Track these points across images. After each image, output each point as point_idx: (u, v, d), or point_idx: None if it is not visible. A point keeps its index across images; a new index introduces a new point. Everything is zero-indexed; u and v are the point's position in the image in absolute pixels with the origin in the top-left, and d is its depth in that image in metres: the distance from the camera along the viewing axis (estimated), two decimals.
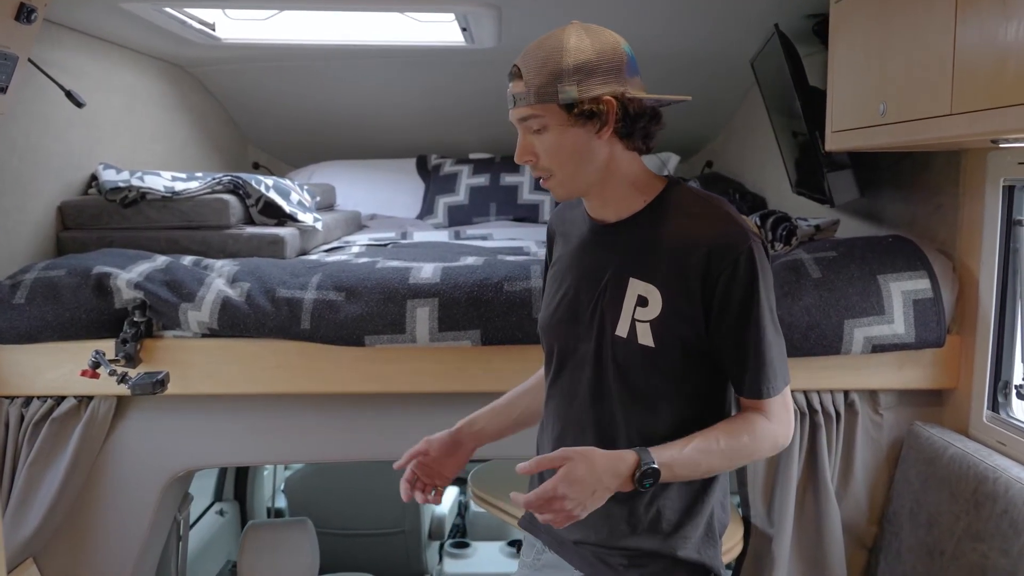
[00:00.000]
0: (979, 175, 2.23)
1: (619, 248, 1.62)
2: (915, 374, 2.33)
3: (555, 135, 1.54)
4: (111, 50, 3.09)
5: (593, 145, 1.55)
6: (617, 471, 1.47)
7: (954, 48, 1.62)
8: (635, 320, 1.58)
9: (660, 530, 1.65)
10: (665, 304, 1.56)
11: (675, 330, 1.56)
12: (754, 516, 2.42)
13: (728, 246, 1.51)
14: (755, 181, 3.83)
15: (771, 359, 1.56)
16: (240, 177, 2.80)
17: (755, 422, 1.57)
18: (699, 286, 1.53)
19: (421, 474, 1.84)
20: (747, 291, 1.52)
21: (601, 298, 1.63)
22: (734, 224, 1.54)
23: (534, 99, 1.53)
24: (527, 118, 1.55)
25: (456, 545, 4.83)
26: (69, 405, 2.33)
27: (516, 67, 1.55)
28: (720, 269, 1.51)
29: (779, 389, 1.58)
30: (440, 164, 4.24)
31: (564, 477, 1.44)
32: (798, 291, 2.23)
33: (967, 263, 2.30)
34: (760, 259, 1.53)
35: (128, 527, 2.44)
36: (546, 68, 1.51)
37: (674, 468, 1.50)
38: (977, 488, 2.00)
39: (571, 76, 1.50)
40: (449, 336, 2.26)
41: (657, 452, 1.49)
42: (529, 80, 1.53)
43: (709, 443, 1.53)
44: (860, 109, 2.08)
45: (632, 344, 1.58)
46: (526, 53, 1.56)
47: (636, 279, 1.59)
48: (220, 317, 2.28)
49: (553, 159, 1.57)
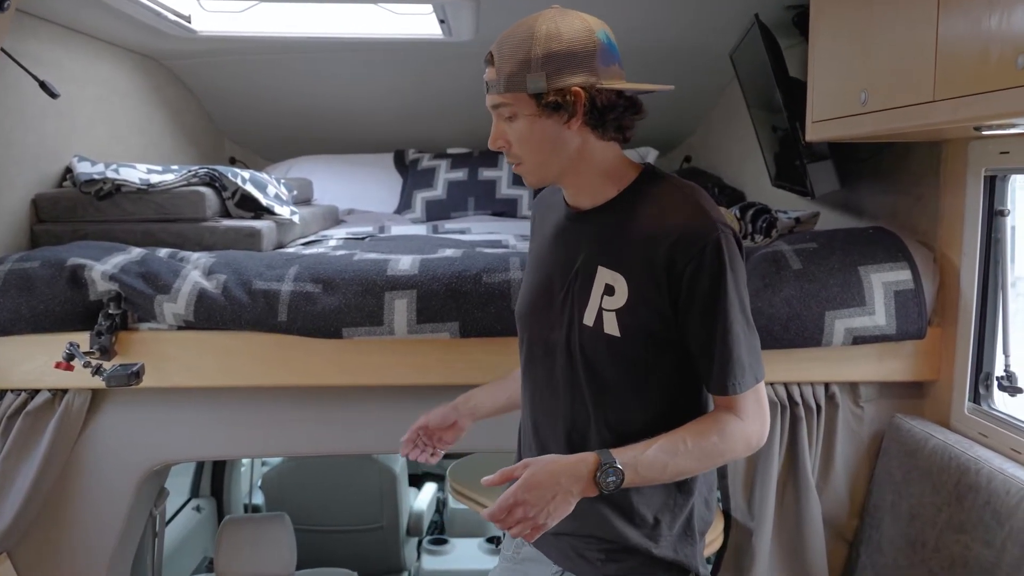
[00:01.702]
0: (960, 165, 2.23)
1: (590, 236, 1.61)
2: (896, 366, 2.33)
3: (525, 124, 1.54)
4: (87, 42, 3.06)
5: (563, 135, 1.54)
6: (576, 473, 1.45)
7: (937, 34, 1.61)
8: (602, 309, 1.56)
9: (636, 525, 1.63)
10: (631, 293, 1.54)
11: (641, 320, 1.54)
12: (734, 510, 2.42)
13: (695, 236, 1.49)
14: (734, 175, 3.84)
15: (739, 354, 1.53)
16: (216, 170, 2.77)
17: (725, 421, 1.54)
18: (664, 277, 1.51)
19: (420, 438, 1.91)
20: (713, 283, 1.49)
21: (572, 285, 1.61)
22: (702, 214, 1.52)
23: (504, 88, 1.52)
24: (498, 106, 1.55)
25: (434, 541, 4.82)
26: (43, 398, 2.30)
27: (490, 54, 1.55)
28: (686, 260, 1.49)
29: (748, 385, 1.54)
30: (418, 159, 4.22)
31: (522, 483, 1.44)
32: (778, 282, 2.22)
33: (948, 254, 2.30)
34: (729, 251, 1.50)
35: (103, 522, 2.41)
36: (516, 56, 1.51)
37: (638, 469, 1.47)
38: (960, 480, 2.00)
39: (540, 66, 1.49)
40: (427, 328, 2.24)
41: (619, 453, 1.47)
42: (500, 68, 1.52)
43: (675, 444, 1.50)
44: (841, 98, 2.07)
45: (598, 333, 1.57)
46: (500, 40, 1.55)
47: (604, 267, 1.57)
48: (196, 309, 2.25)
49: (523, 147, 1.57)
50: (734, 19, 2.82)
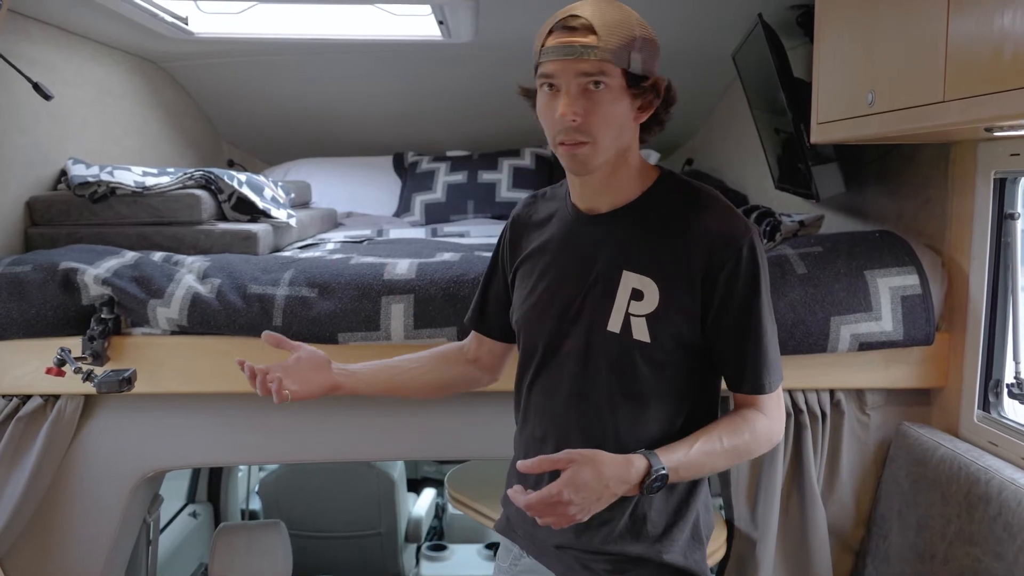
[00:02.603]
0: (969, 168, 2.19)
1: (610, 239, 1.58)
2: (903, 372, 2.29)
3: (610, 99, 1.48)
4: (82, 44, 3.04)
5: (629, 124, 1.52)
6: (625, 478, 1.43)
7: (947, 33, 1.57)
8: (629, 314, 1.53)
9: (646, 534, 1.60)
10: (663, 297, 1.51)
11: (672, 324, 1.52)
12: (738, 519, 2.38)
13: (730, 237, 1.49)
14: (736, 178, 3.80)
15: (770, 353, 1.54)
16: (212, 172, 2.74)
17: (754, 419, 1.55)
18: (699, 279, 1.49)
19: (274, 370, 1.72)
20: (750, 284, 1.50)
21: (591, 291, 1.57)
22: (733, 215, 1.52)
23: (609, 56, 1.45)
24: (593, 73, 1.46)
25: (433, 547, 4.79)
26: (35, 404, 2.27)
27: (586, 20, 1.46)
28: (723, 261, 1.48)
29: (777, 384, 1.56)
30: (417, 161, 4.19)
31: (570, 482, 1.39)
32: (783, 287, 2.18)
33: (956, 258, 2.26)
34: (760, 251, 1.51)
35: (96, 529, 2.38)
36: (621, 31, 1.46)
37: (680, 471, 1.47)
38: (969, 490, 1.96)
39: (640, 47, 1.47)
40: (425, 333, 2.20)
41: (665, 456, 1.45)
42: (605, 36, 1.45)
43: (713, 443, 1.50)
44: (847, 99, 2.03)
45: (626, 339, 1.53)
46: (594, 9, 1.47)
47: (630, 272, 1.54)
48: (190, 314, 2.22)
49: (600, 124, 1.48)
50: (736, 19, 2.79)
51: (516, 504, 1.43)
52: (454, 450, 2.53)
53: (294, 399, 1.71)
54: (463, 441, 2.42)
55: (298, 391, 1.72)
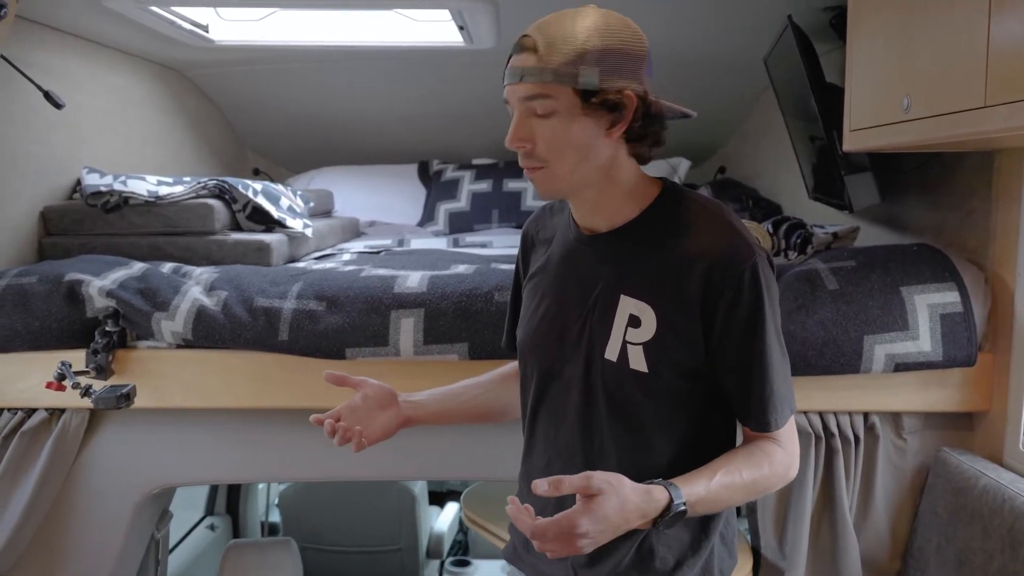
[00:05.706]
0: (1014, 177, 2.08)
1: (609, 261, 1.48)
2: (942, 395, 2.18)
3: (561, 122, 1.37)
4: (99, 51, 3.02)
5: (599, 142, 1.39)
6: (644, 512, 1.31)
7: (988, 34, 1.48)
8: (626, 342, 1.43)
9: (653, 570, 1.50)
10: (660, 325, 1.41)
11: (670, 353, 1.42)
12: (764, 547, 2.29)
13: (731, 261, 1.37)
14: (769, 187, 3.72)
15: (777, 388, 1.43)
16: (227, 182, 2.69)
17: (772, 451, 1.45)
18: (698, 306, 1.39)
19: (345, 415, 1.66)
20: (751, 313, 1.38)
21: (590, 316, 1.48)
22: (737, 236, 1.40)
23: (550, 77, 1.35)
24: (534, 97, 1.37)
25: (457, 563, 4.72)
26: (40, 418, 2.26)
27: (529, 37, 1.37)
28: (722, 287, 1.37)
29: (786, 419, 1.46)
30: (442, 170, 4.15)
31: (591, 512, 1.27)
32: (813, 304, 2.09)
33: (1001, 274, 2.15)
34: (766, 275, 1.39)
35: (101, 545, 2.36)
36: (568, 45, 1.34)
37: (697, 507, 1.36)
38: (1014, 525, 1.84)
39: (595, 61, 1.34)
40: (435, 349, 2.13)
41: (686, 488, 1.34)
42: (546, 55, 1.35)
43: (733, 477, 1.39)
44: (881, 105, 1.93)
45: (623, 369, 1.44)
46: (544, 24, 1.38)
47: (628, 296, 1.44)
48: (195, 327, 2.17)
49: (553, 149, 1.39)
50: (769, 23, 2.70)
51: (520, 529, 1.32)
52: (469, 471, 2.48)
53: (369, 444, 1.64)
54: (479, 461, 2.36)
55: (372, 435, 1.65)
